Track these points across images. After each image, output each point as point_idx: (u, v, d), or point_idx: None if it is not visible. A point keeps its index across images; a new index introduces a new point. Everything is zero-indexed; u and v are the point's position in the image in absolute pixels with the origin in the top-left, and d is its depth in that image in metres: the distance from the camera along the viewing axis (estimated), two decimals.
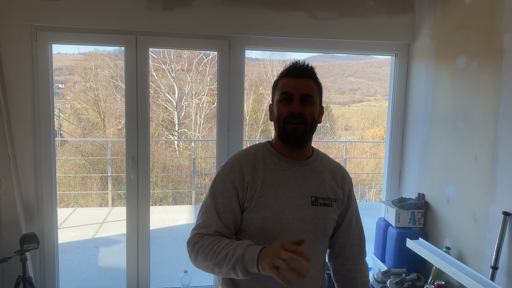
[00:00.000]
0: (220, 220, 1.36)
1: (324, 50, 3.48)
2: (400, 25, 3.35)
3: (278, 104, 1.40)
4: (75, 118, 16.08)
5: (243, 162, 1.41)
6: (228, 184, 1.37)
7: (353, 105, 22.50)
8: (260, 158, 1.42)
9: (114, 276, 4.02)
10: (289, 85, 1.38)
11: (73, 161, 12.76)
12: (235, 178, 1.37)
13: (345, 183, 1.51)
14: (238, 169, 1.39)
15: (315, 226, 1.40)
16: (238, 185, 1.37)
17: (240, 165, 1.40)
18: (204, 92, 16.09)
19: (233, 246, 1.25)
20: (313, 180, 1.43)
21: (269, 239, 1.33)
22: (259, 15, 3.15)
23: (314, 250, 1.41)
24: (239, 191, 1.37)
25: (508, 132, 2.43)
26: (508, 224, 2.42)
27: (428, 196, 3.23)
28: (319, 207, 1.41)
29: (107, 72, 15.61)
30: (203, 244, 1.31)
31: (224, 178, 1.39)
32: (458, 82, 2.89)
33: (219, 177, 1.41)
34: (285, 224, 1.36)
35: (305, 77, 1.40)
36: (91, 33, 3.05)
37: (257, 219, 1.35)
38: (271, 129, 12.40)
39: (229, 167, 1.41)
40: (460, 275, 2.15)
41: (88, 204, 11.73)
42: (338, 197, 1.47)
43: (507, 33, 2.45)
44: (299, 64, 1.41)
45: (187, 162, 14.05)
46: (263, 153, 1.43)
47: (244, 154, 1.44)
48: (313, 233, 1.40)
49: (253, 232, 1.36)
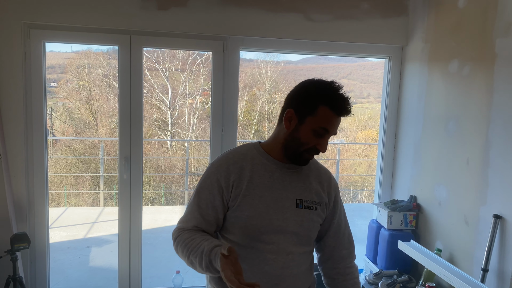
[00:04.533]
0: (200, 215, 1.39)
1: (318, 52, 3.49)
2: (394, 28, 3.37)
3: (310, 132, 1.34)
4: (67, 117, 15.96)
5: (230, 161, 1.42)
6: (214, 181, 1.39)
7: None
8: (249, 158, 1.42)
9: (106, 276, 4.00)
10: (331, 123, 1.34)
11: (65, 160, 12.67)
12: (220, 176, 1.39)
13: (331, 188, 1.53)
14: (225, 167, 1.40)
15: (298, 227, 1.42)
16: (223, 184, 1.38)
17: (227, 164, 1.41)
18: (198, 92, 16.06)
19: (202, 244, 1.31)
20: (299, 183, 1.44)
21: (253, 238, 1.37)
22: (254, 16, 3.15)
23: (298, 251, 1.43)
24: (224, 190, 1.39)
25: (500, 136, 2.45)
26: (499, 227, 2.44)
27: (420, 199, 3.25)
28: (303, 209, 1.42)
29: (100, 71, 15.53)
30: (180, 240, 1.37)
31: (210, 175, 1.41)
32: (451, 86, 2.91)
33: (206, 174, 1.43)
34: (268, 224, 1.38)
35: (345, 116, 1.38)
36: (85, 31, 3.04)
37: (241, 218, 1.37)
38: (265, 129, 12.29)
39: (216, 165, 1.43)
40: (450, 277, 2.17)
41: (80, 204, 11.65)
42: (323, 201, 1.49)
43: (499, 37, 2.47)
44: (345, 100, 1.33)
45: (180, 162, 14.01)
46: (252, 153, 1.44)
47: (232, 153, 1.45)
48: (296, 235, 1.42)
49: (237, 231, 1.39)
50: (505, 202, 2.41)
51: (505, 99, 2.42)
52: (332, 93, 1.33)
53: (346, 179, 14.08)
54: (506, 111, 2.42)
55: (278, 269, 1.39)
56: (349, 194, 13.47)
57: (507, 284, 2.36)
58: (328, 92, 1.33)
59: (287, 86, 18.60)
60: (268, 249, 1.37)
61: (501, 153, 2.45)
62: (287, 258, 1.40)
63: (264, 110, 17.24)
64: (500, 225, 2.44)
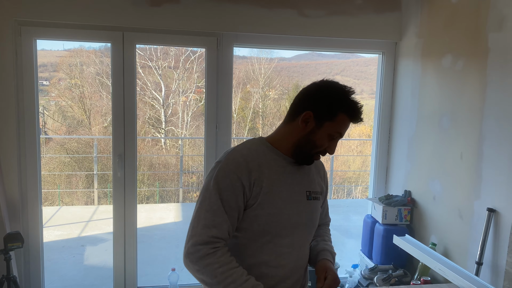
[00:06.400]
0: (229, 218, 1.31)
1: (312, 48, 3.49)
2: (387, 23, 3.37)
3: (326, 136, 1.36)
4: (60, 116, 15.85)
5: (248, 158, 1.35)
6: (234, 180, 1.31)
7: None
8: (262, 155, 1.38)
9: (101, 275, 3.98)
10: (346, 128, 1.37)
11: (58, 159, 12.59)
12: (242, 175, 1.32)
13: (326, 176, 1.59)
14: (244, 165, 1.33)
15: (309, 219, 1.45)
16: (245, 182, 1.32)
17: (246, 161, 1.34)
18: (191, 90, 16.01)
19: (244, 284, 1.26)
20: (306, 175, 1.46)
21: (271, 234, 1.36)
22: (248, 12, 3.14)
23: (307, 242, 1.48)
24: (246, 188, 1.32)
25: (493, 130, 2.47)
26: (493, 221, 2.46)
27: (414, 193, 3.26)
28: (312, 201, 1.45)
29: (92, 69, 15.43)
30: (216, 263, 1.26)
31: (229, 174, 1.32)
32: (444, 81, 2.92)
33: (222, 172, 1.32)
34: (286, 220, 1.38)
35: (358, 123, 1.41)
36: (76, 28, 3.01)
37: (261, 216, 1.34)
38: (259, 126, 12.26)
39: (233, 163, 1.33)
40: (446, 271, 2.18)
41: (74, 203, 11.58)
42: (323, 190, 1.55)
43: (492, 32, 2.48)
44: (361, 109, 1.37)
45: (174, 160, 13.97)
46: (263, 149, 1.40)
47: (246, 149, 1.38)
48: (308, 227, 1.45)
49: (255, 229, 1.35)
50: (499, 195, 2.42)
51: (498, 94, 2.44)
52: (351, 101, 1.34)
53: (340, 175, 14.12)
54: (499, 106, 2.43)
55: (292, 262, 1.41)
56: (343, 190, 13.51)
57: (501, 277, 2.37)
58: (347, 101, 1.34)
59: (281, 83, 18.61)
60: (285, 243, 1.38)
61: (494, 147, 2.46)
62: (300, 251, 1.43)
63: (258, 107, 17.22)
64: (494, 218, 2.46)
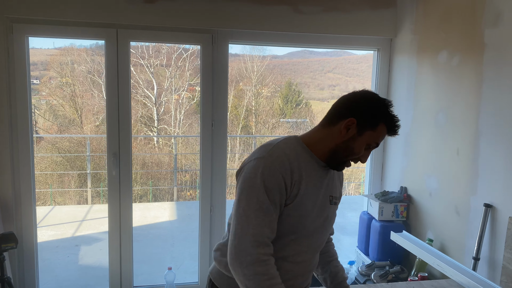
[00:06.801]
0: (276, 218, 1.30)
1: (307, 45, 3.47)
2: (382, 20, 3.37)
3: (364, 145, 1.36)
4: (51, 115, 15.70)
5: (290, 157, 1.33)
6: (280, 179, 1.28)
7: (332, 100, 22.56)
8: (300, 155, 1.36)
9: (96, 274, 3.94)
10: (382, 139, 1.39)
11: (50, 158, 12.47)
12: (285, 174, 1.29)
13: (343, 182, 1.59)
14: (287, 164, 1.31)
15: (328, 224, 1.47)
16: (288, 182, 1.30)
17: (288, 161, 1.31)
18: (184, 88, 15.95)
19: None
20: (330, 180, 1.46)
21: (297, 235, 1.36)
22: (243, 9, 3.12)
23: (322, 244, 1.50)
24: (288, 188, 1.30)
25: (490, 126, 2.47)
26: (489, 216, 2.47)
27: (410, 189, 3.27)
28: (333, 206, 1.47)
29: (83, 67, 15.29)
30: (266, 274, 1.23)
31: (275, 173, 1.28)
32: (440, 77, 2.92)
33: (268, 171, 1.28)
34: (312, 222, 1.38)
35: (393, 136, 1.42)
36: (70, 26, 2.97)
37: (294, 217, 1.33)
38: (252, 124, 12.20)
39: (278, 162, 1.30)
40: (444, 267, 2.18)
41: (66, 202, 11.48)
42: (340, 195, 1.55)
43: (488, 28, 2.49)
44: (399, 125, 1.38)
45: (167, 158, 13.90)
46: (300, 150, 1.37)
47: (288, 149, 1.35)
48: (326, 230, 1.47)
49: (284, 228, 1.33)
50: (496, 191, 2.43)
51: (494, 89, 2.44)
52: (392, 115, 1.35)
53: None
54: (495, 101, 2.44)
55: (307, 261, 1.43)
56: None
57: (499, 272, 2.38)
58: (389, 113, 1.35)
59: (274, 81, 18.62)
60: (306, 244, 1.39)
61: (491, 143, 2.47)
62: (315, 252, 1.46)
63: (251, 105, 17.20)
64: (490, 214, 2.47)
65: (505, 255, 2.30)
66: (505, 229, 2.34)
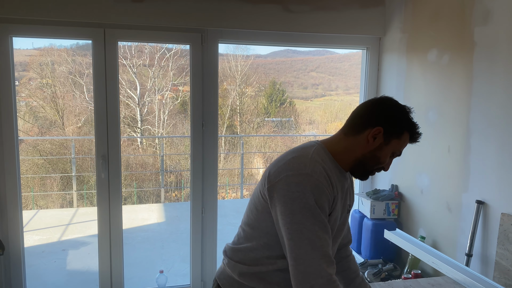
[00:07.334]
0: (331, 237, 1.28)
1: (296, 44, 3.46)
2: (371, 18, 3.38)
3: (389, 152, 1.35)
4: (31, 116, 15.38)
5: (328, 172, 1.28)
6: (328, 196, 1.25)
7: (315, 99, 22.80)
8: (330, 167, 1.32)
9: (85, 279, 3.87)
10: (405, 146, 1.38)
11: (31, 161, 12.21)
12: (329, 190, 1.26)
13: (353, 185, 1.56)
14: (328, 179, 1.27)
15: (342, 231, 1.45)
16: (331, 197, 1.27)
17: (328, 176, 1.27)
18: (167, 88, 15.81)
19: None
20: (349, 188, 1.45)
21: None
22: (232, 8, 3.09)
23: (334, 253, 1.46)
24: (331, 203, 1.28)
25: (480, 123, 2.50)
26: (482, 212, 2.50)
27: (401, 187, 3.29)
28: (347, 214, 1.46)
29: (64, 68, 15.02)
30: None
31: (323, 191, 1.24)
32: (430, 75, 2.95)
33: (317, 189, 1.23)
34: (336, 235, 1.37)
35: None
36: (55, 25, 2.89)
37: None
38: (237, 124, 12.14)
39: (322, 177, 1.25)
40: (440, 264, 2.19)
41: (49, 206, 11.26)
42: (353, 202, 1.53)
43: (478, 26, 2.51)
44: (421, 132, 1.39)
45: (151, 159, 13.76)
46: (329, 161, 1.33)
47: (323, 161, 1.30)
48: (339, 238, 1.45)
49: None
50: (487, 188, 2.46)
51: (485, 87, 2.47)
52: (413, 122, 1.35)
53: None
54: (485, 99, 2.46)
55: None
56: None
57: (491, 268, 2.41)
58: (411, 121, 1.35)
59: (258, 80, 18.60)
60: None
61: (481, 140, 2.49)
62: None
63: (235, 104, 17.15)
64: (482, 210, 2.49)
65: (498, 251, 2.33)
66: (498, 225, 2.37)
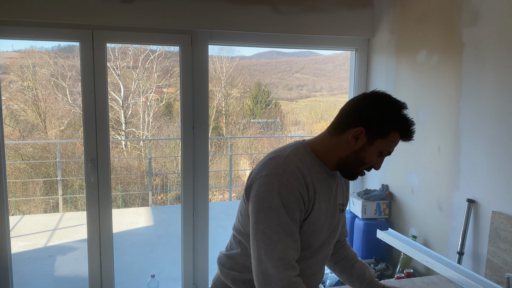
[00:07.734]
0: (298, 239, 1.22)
1: (286, 45, 3.46)
2: (360, 20, 3.40)
3: (375, 153, 1.27)
4: (12, 120, 15.08)
5: (303, 171, 1.23)
6: (298, 196, 1.19)
7: (300, 100, 22.92)
8: (311, 167, 1.27)
9: (74, 285, 3.79)
10: (395, 146, 1.28)
11: (13, 165, 11.97)
12: (302, 190, 1.21)
13: (349, 186, 1.52)
14: (302, 180, 1.22)
15: (338, 232, 1.42)
16: (305, 199, 1.22)
17: (303, 175, 1.22)
18: (152, 90, 15.69)
19: None
20: (339, 187, 1.39)
21: (313, 250, 1.32)
22: (222, 9, 3.07)
23: (331, 252, 1.45)
24: (305, 205, 1.22)
25: (470, 122, 2.53)
26: (472, 211, 2.53)
27: (392, 187, 3.31)
28: (341, 213, 1.42)
29: (46, 70, 14.78)
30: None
31: (293, 191, 1.19)
32: (419, 75, 2.98)
33: (285, 189, 1.18)
34: (324, 235, 1.33)
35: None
36: (42, 27, 2.84)
37: (307, 232, 1.26)
38: (222, 125, 12.09)
39: (294, 177, 1.20)
40: (433, 263, 2.21)
41: (32, 211, 11.05)
42: (347, 200, 1.50)
43: (466, 27, 2.55)
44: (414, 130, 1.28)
45: (136, 162, 13.62)
46: (310, 161, 1.28)
47: (299, 161, 1.25)
48: (335, 238, 1.41)
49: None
50: (478, 186, 2.49)
51: (474, 87, 2.50)
52: (404, 119, 1.24)
53: None
54: (475, 99, 2.50)
55: (320, 272, 1.40)
56: None
57: (483, 265, 2.45)
58: (401, 118, 1.24)
59: (243, 81, 18.60)
60: (316, 256, 1.34)
61: (471, 140, 2.53)
62: (325, 261, 1.42)
63: (221, 106, 17.11)
64: (473, 209, 2.53)
65: (489, 249, 2.37)
66: (488, 223, 2.40)
